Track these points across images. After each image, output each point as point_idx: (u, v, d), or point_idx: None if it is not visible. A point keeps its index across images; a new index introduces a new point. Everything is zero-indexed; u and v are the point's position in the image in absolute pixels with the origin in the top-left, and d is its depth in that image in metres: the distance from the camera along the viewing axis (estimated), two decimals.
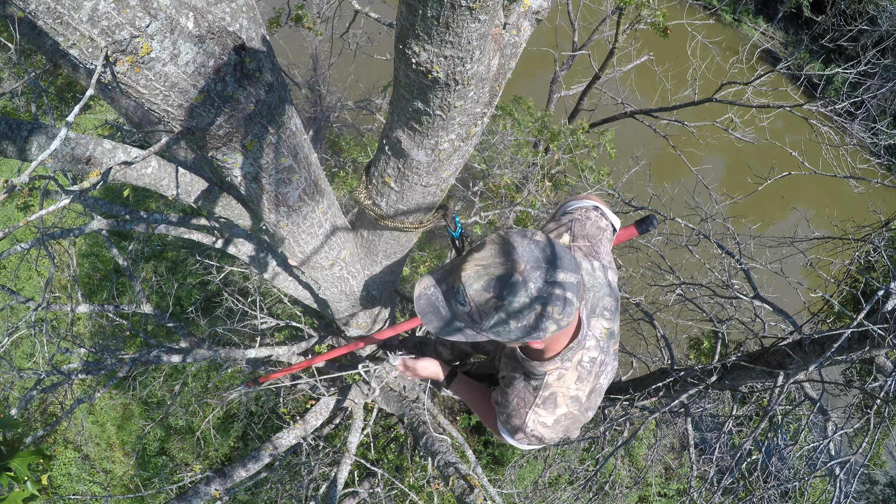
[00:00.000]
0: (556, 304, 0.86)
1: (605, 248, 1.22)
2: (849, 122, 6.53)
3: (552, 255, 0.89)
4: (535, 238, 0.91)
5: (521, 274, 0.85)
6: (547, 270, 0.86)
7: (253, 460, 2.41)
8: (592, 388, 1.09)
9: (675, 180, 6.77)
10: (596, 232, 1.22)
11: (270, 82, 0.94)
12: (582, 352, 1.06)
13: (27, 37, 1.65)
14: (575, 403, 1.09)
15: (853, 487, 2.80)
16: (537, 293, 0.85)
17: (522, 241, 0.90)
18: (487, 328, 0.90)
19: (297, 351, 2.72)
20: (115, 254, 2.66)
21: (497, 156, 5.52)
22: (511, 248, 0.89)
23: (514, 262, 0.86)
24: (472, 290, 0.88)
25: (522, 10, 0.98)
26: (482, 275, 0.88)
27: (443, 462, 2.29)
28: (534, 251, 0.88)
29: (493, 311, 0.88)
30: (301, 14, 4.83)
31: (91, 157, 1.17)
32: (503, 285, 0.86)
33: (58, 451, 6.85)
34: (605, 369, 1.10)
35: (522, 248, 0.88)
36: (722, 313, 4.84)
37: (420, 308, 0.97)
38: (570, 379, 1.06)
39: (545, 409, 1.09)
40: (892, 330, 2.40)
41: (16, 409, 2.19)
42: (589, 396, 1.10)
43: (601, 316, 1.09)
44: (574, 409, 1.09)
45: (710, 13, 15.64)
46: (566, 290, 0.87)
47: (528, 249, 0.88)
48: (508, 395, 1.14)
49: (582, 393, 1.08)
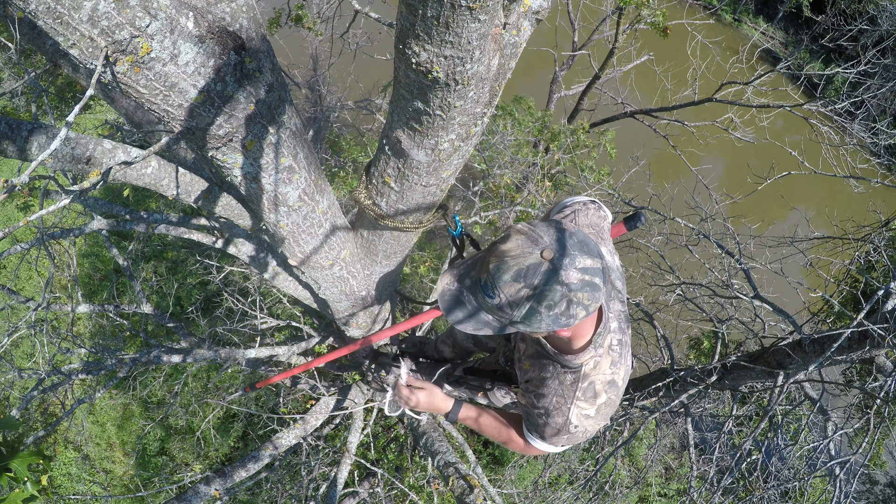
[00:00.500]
0: (585, 289, 0.87)
1: (607, 235, 1.26)
2: (849, 122, 6.53)
3: (578, 242, 0.89)
4: (559, 227, 0.91)
5: (552, 262, 0.86)
6: (575, 256, 0.87)
7: (253, 460, 2.41)
8: (626, 370, 1.09)
9: (675, 180, 6.77)
10: (598, 220, 1.25)
11: (270, 82, 0.94)
12: (610, 335, 1.06)
13: (27, 37, 1.65)
14: (613, 389, 1.08)
15: (853, 487, 2.80)
16: (567, 280, 0.86)
17: (549, 229, 0.90)
18: (519, 318, 0.90)
19: (297, 351, 2.72)
20: (115, 254, 2.66)
21: (497, 156, 5.52)
22: (538, 237, 0.89)
23: (544, 249, 0.87)
24: (503, 282, 0.88)
25: (522, 10, 0.98)
26: (511, 266, 0.88)
27: (443, 462, 2.29)
28: (561, 239, 0.88)
29: (524, 301, 0.88)
30: (301, 14, 4.83)
31: (91, 157, 1.17)
32: (534, 274, 0.86)
33: (58, 451, 6.85)
34: (629, 350, 1.11)
35: (549, 236, 0.89)
36: (722, 313, 4.84)
37: (445, 304, 0.97)
38: (606, 364, 1.06)
39: (586, 401, 1.08)
40: (892, 330, 2.40)
41: (16, 409, 2.19)
42: (624, 378, 1.10)
43: (616, 298, 1.10)
44: (612, 394, 1.09)
45: (710, 13, 15.64)
46: (593, 275, 0.88)
47: (556, 237, 0.89)
48: (544, 395, 1.11)
49: (618, 377, 1.08)
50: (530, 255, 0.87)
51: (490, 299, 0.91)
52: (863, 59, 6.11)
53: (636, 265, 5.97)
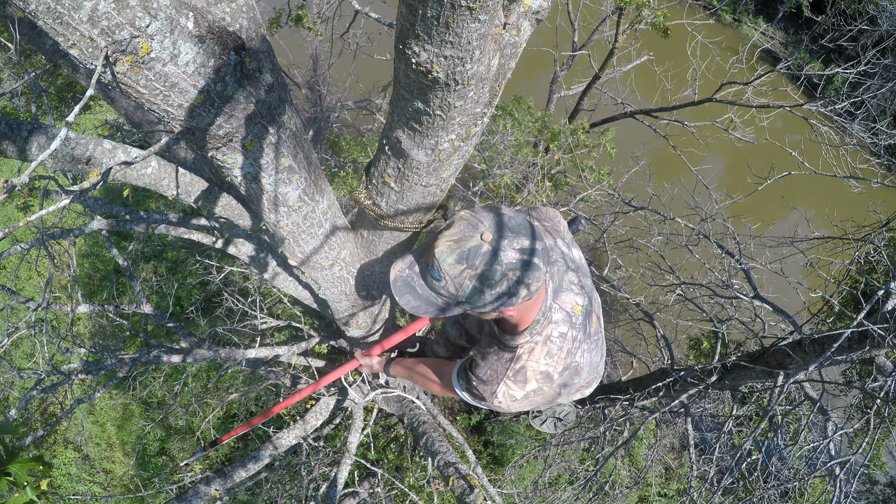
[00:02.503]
0: (524, 268, 0.93)
1: (564, 230, 1.26)
2: (849, 122, 6.52)
3: (516, 224, 0.95)
4: (499, 211, 0.98)
5: (490, 243, 0.92)
6: (513, 238, 0.93)
7: (253, 460, 2.41)
8: (566, 365, 1.11)
9: (675, 180, 6.77)
10: (554, 216, 1.27)
11: (270, 82, 0.94)
12: (551, 325, 1.09)
13: (27, 37, 1.65)
14: (546, 380, 1.12)
15: (853, 487, 2.80)
16: (506, 259, 0.92)
17: (488, 214, 0.97)
18: (464, 299, 0.96)
19: (297, 351, 2.72)
20: (115, 254, 2.66)
21: (497, 156, 5.52)
22: (478, 221, 0.96)
23: (483, 233, 0.93)
24: (447, 265, 0.94)
25: (522, 10, 0.98)
26: (454, 249, 0.94)
27: (443, 462, 2.29)
28: (499, 222, 0.95)
29: (467, 282, 0.94)
30: (301, 14, 4.83)
31: (91, 157, 1.17)
32: (475, 255, 0.92)
33: (58, 451, 6.85)
34: (582, 347, 1.12)
35: (489, 220, 0.95)
36: (722, 313, 4.84)
37: (397, 289, 1.03)
38: (540, 353, 1.09)
39: (515, 383, 1.12)
40: (892, 330, 2.40)
41: (16, 409, 2.19)
42: (562, 373, 1.12)
43: (569, 290, 1.12)
44: (545, 385, 1.13)
45: (710, 13, 15.64)
46: (532, 255, 0.94)
47: (494, 221, 0.95)
48: (482, 366, 1.17)
49: (553, 369, 1.11)
50: (471, 238, 0.93)
51: (437, 282, 0.97)
52: (863, 60, 6.11)
53: (636, 265, 5.97)
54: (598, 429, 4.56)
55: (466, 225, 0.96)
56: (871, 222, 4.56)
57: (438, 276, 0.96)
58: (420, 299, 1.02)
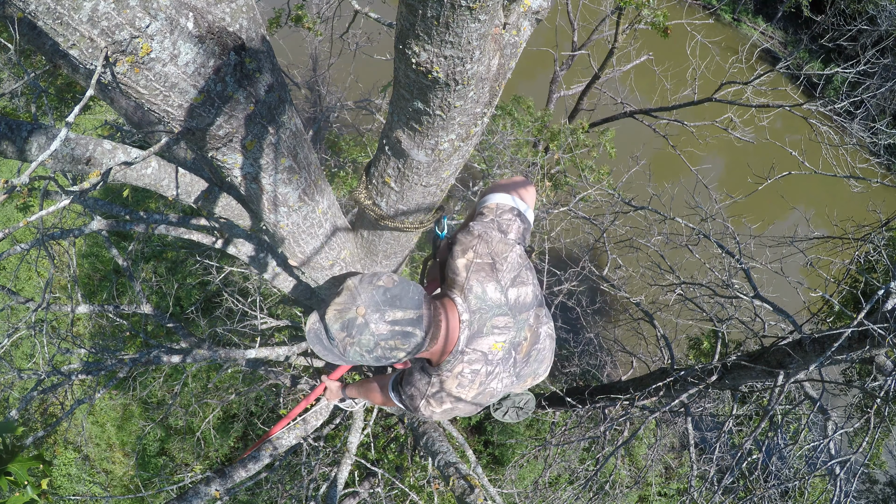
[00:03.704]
0: (395, 337, 1.08)
1: (510, 263, 1.29)
2: (848, 122, 6.53)
3: (391, 297, 1.10)
4: (377, 283, 1.12)
5: (364, 317, 1.07)
6: (386, 311, 1.08)
7: (253, 460, 2.41)
8: (480, 391, 1.26)
9: (675, 180, 6.77)
10: (502, 249, 1.29)
11: (270, 82, 0.94)
12: (462, 364, 1.22)
13: (27, 37, 1.65)
14: (460, 402, 1.28)
15: (853, 487, 2.80)
16: (377, 331, 1.07)
17: (368, 287, 1.11)
18: (350, 359, 1.13)
19: (298, 351, 2.72)
20: (114, 254, 2.66)
21: (497, 156, 5.52)
22: (356, 294, 1.10)
23: (358, 306, 1.08)
24: (334, 330, 1.10)
25: (522, 10, 0.98)
26: (338, 318, 1.09)
27: (443, 462, 2.29)
28: (374, 296, 1.09)
29: (349, 347, 1.09)
30: (301, 14, 4.83)
31: (91, 157, 1.17)
32: (352, 326, 1.08)
33: (58, 451, 6.85)
34: (499, 376, 1.26)
35: (366, 294, 1.10)
36: (722, 313, 4.84)
37: (309, 339, 1.17)
38: (451, 385, 1.24)
39: (434, 402, 1.29)
40: (892, 329, 2.40)
41: (16, 409, 2.19)
42: (475, 397, 1.27)
43: (490, 335, 1.23)
44: (459, 405, 1.28)
45: (710, 13, 15.65)
46: (405, 325, 1.09)
47: (370, 295, 1.09)
48: (408, 382, 1.34)
49: (466, 395, 1.25)
50: (350, 310, 1.08)
51: (331, 342, 1.12)
52: (862, 59, 6.11)
53: (636, 265, 5.97)
54: (598, 429, 4.56)
55: (349, 296, 1.10)
56: (871, 222, 4.56)
57: (331, 338, 1.11)
58: (326, 350, 1.15)
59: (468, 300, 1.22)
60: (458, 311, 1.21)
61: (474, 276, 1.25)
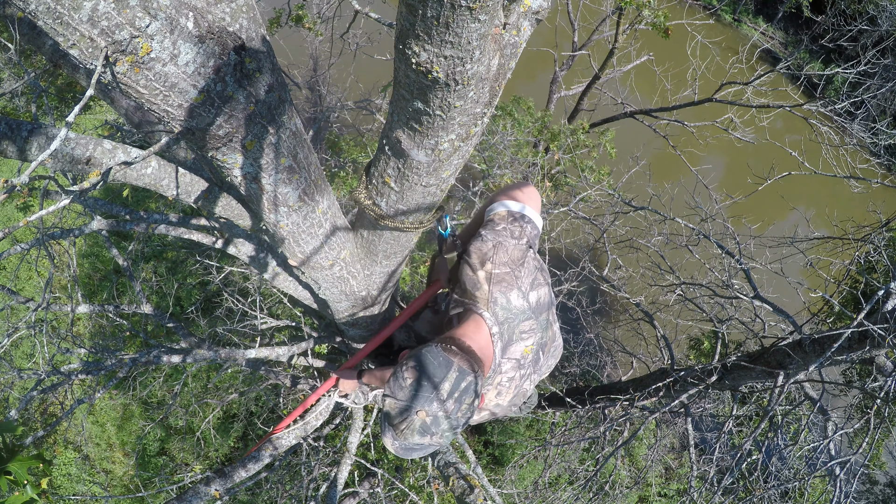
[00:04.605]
0: (462, 400, 1.08)
1: (527, 267, 1.31)
2: (849, 122, 6.53)
3: (429, 378, 1.08)
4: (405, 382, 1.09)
5: (427, 415, 1.07)
6: (436, 394, 1.07)
7: (253, 460, 2.41)
8: (515, 394, 1.29)
9: (675, 180, 6.77)
10: (519, 255, 1.31)
11: (270, 82, 0.94)
12: (500, 376, 1.24)
13: (27, 37, 1.65)
14: (497, 408, 1.31)
15: (853, 487, 2.80)
16: (447, 412, 1.07)
17: (404, 391, 1.09)
18: (448, 441, 1.13)
19: (298, 351, 2.71)
20: (115, 254, 2.66)
21: (497, 156, 5.52)
22: (405, 405, 1.08)
23: (417, 412, 1.07)
24: (420, 442, 1.09)
25: (522, 10, 0.98)
26: (412, 432, 1.08)
27: (443, 462, 2.29)
28: (416, 392, 1.07)
29: (440, 440, 1.09)
30: (301, 14, 4.83)
31: (91, 157, 1.17)
32: (427, 428, 1.08)
33: (58, 451, 6.85)
34: (530, 378, 1.29)
35: (412, 397, 1.08)
36: (722, 313, 4.84)
37: (404, 455, 1.16)
38: (491, 395, 1.27)
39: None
40: (892, 330, 2.40)
41: (16, 409, 2.19)
42: (511, 400, 1.30)
43: (519, 340, 1.25)
44: (496, 410, 1.32)
45: (710, 13, 15.65)
46: (458, 385, 1.08)
47: (413, 394, 1.07)
48: None
49: (503, 400, 1.28)
50: (413, 421, 1.07)
51: (422, 448, 1.12)
52: (862, 60, 6.11)
53: (636, 265, 5.97)
54: (598, 429, 4.56)
55: (400, 413, 1.08)
56: (871, 222, 4.56)
57: (423, 445, 1.10)
58: (427, 449, 1.14)
59: (495, 313, 1.22)
60: (488, 324, 1.21)
61: (496, 288, 1.25)
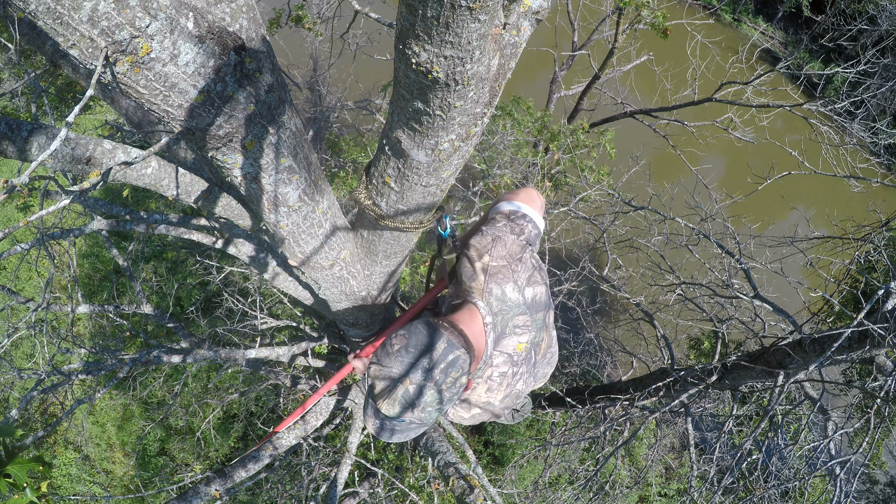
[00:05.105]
0: (449, 373, 1.05)
1: (525, 263, 1.31)
2: (848, 122, 6.52)
3: (414, 347, 1.06)
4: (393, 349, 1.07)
5: (412, 383, 1.04)
6: (421, 362, 1.04)
7: (253, 460, 2.41)
8: (507, 393, 1.28)
9: (675, 180, 6.77)
10: (517, 251, 1.31)
11: (270, 82, 0.94)
12: (491, 369, 1.23)
13: (27, 37, 1.65)
14: (488, 406, 1.30)
15: (853, 487, 2.80)
16: (433, 382, 1.04)
17: (390, 358, 1.07)
18: (431, 420, 1.10)
19: (298, 351, 2.72)
20: (115, 254, 2.66)
21: (497, 156, 5.52)
22: (388, 371, 1.06)
23: (402, 380, 1.05)
24: (401, 416, 1.06)
25: (522, 10, 0.98)
26: (394, 403, 1.04)
27: (443, 462, 2.29)
28: (402, 360, 1.05)
29: (423, 413, 1.06)
30: (301, 14, 4.83)
31: (91, 157, 1.17)
32: (410, 399, 1.04)
33: (58, 451, 6.85)
34: (523, 377, 1.28)
35: (395, 364, 1.06)
36: (722, 313, 4.84)
37: (386, 437, 1.14)
38: (481, 390, 1.25)
39: (461, 408, 1.31)
40: (892, 329, 2.40)
41: (16, 409, 2.19)
42: (503, 400, 1.29)
43: (512, 335, 1.24)
44: (487, 408, 1.30)
45: (710, 13, 15.65)
46: (445, 358, 1.06)
47: (398, 361, 1.05)
48: None
49: (494, 399, 1.27)
50: (397, 389, 1.04)
51: (404, 423, 1.09)
52: (862, 59, 6.11)
53: (636, 265, 5.97)
54: (598, 429, 4.56)
55: (384, 379, 1.06)
56: (871, 222, 4.56)
57: (405, 421, 1.07)
58: (409, 431, 1.12)
59: (490, 303, 1.21)
60: (482, 314, 1.20)
61: (492, 279, 1.25)
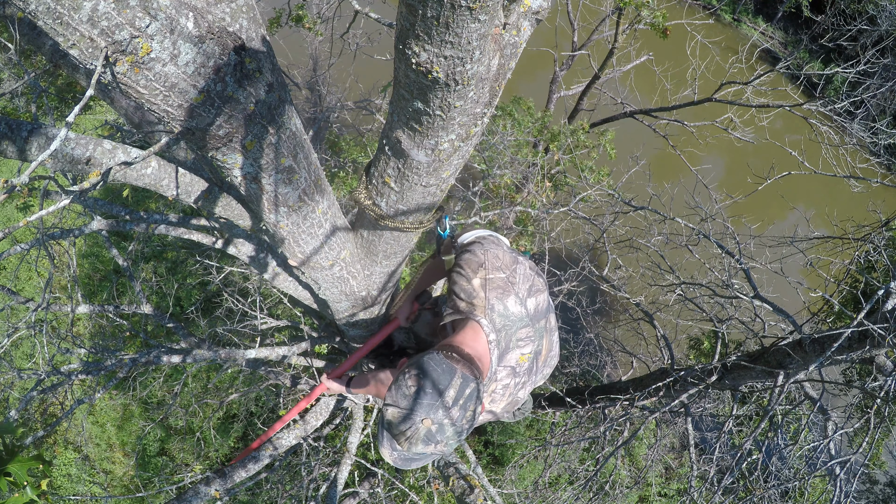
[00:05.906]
0: (467, 406, 1.06)
1: (522, 274, 1.31)
2: (848, 122, 6.53)
3: (432, 385, 1.06)
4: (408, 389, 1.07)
5: (433, 422, 1.04)
6: (441, 401, 1.05)
7: (253, 461, 2.41)
8: (509, 402, 1.31)
9: (675, 180, 6.77)
10: (510, 261, 1.31)
11: (270, 82, 0.94)
12: (494, 384, 1.25)
13: (27, 37, 1.65)
14: (489, 414, 1.35)
15: (853, 487, 2.80)
16: (452, 419, 1.05)
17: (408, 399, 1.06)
18: (453, 447, 1.12)
19: (298, 351, 2.71)
20: (115, 254, 2.66)
21: (497, 156, 5.52)
22: (409, 412, 1.06)
23: (422, 420, 1.05)
24: (424, 451, 1.07)
25: (522, 10, 0.98)
26: (416, 440, 1.05)
27: (443, 462, 2.29)
28: (422, 401, 1.05)
29: (445, 448, 1.07)
30: (301, 14, 4.83)
31: (91, 157, 1.17)
32: (433, 436, 1.05)
33: (58, 451, 6.85)
34: (525, 387, 1.31)
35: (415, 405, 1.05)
36: (722, 313, 4.84)
37: (404, 466, 1.14)
38: (486, 402, 1.28)
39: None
40: (892, 329, 2.40)
41: (16, 409, 2.19)
42: (505, 407, 1.33)
43: (515, 348, 1.25)
44: (489, 416, 1.35)
45: (710, 13, 15.66)
46: (462, 392, 1.06)
47: (418, 403, 1.05)
48: None
49: (496, 407, 1.31)
50: (418, 429, 1.04)
51: (426, 456, 1.10)
52: (862, 59, 6.11)
53: (636, 265, 5.97)
54: (598, 429, 4.56)
55: (404, 420, 1.06)
56: (871, 222, 4.55)
57: (424, 455, 1.08)
58: (430, 459, 1.12)
59: (493, 320, 1.20)
60: (485, 332, 1.20)
61: (493, 294, 1.24)
